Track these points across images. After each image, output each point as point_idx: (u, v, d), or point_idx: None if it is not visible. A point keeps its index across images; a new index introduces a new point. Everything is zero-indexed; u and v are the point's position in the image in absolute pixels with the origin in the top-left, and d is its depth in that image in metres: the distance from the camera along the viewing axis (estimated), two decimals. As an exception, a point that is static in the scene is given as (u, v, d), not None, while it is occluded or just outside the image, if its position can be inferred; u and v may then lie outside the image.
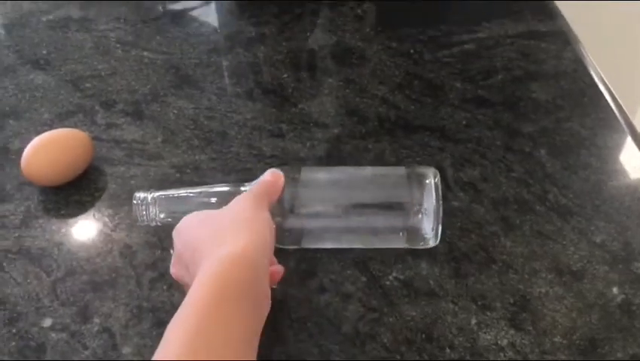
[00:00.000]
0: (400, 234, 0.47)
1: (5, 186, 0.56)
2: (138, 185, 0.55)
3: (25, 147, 0.54)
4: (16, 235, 0.52)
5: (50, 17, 0.72)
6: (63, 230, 0.53)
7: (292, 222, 0.46)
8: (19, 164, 0.54)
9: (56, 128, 0.57)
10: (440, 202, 0.46)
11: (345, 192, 0.47)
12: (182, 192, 0.48)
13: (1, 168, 0.57)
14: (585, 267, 0.49)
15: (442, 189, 0.46)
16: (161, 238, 0.51)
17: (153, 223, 0.48)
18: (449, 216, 0.52)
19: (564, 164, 0.56)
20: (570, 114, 0.60)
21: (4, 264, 0.50)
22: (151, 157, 0.57)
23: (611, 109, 0.60)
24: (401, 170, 0.48)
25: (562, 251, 0.50)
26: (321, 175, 0.49)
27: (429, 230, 0.46)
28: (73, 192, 0.55)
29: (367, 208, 0.47)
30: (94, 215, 0.54)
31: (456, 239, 0.51)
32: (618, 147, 0.58)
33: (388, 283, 0.48)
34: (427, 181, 0.46)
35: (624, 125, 0.59)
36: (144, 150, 0.58)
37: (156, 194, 0.47)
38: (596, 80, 0.63)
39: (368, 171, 0.50)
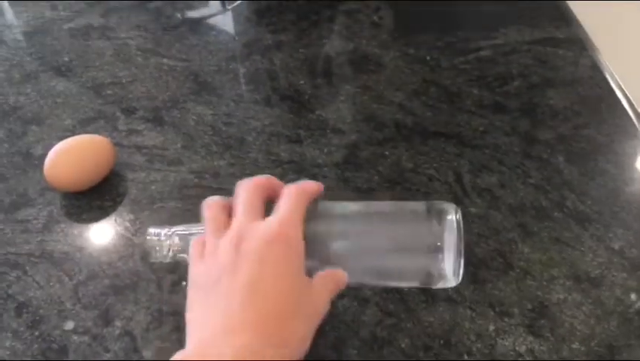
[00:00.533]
0: (418, 274, 0.44)
1: (28, 191, 0.57)
2: (158, 190, 0.56)
3: (47, 152, 0.55)
4: (39, 239, 0.53)
5: (72, 25, 0.73)
6: (85, 235, 0.54)
7: (308, 261, 0.43)
8: (41, 169, 0.55)
9: (77, 134, 0.58)
10: (462, 240, 0.43)
11: (363, 230, 0.44)
12: (197, 228, 0.46)
13: (24, 174, 0.58)
14: (603, 274, 0.49)
15: (459, 193, 0.46)
16: (181, 242, 0.52)
17: (167, 260, 0.46)
18: (466, 222, 0.52)
19: (581, 170, 0.56)
20: (587, 121, 0.60)
21: (27, 268, 0.51)
22: (171, 163, 0.58)
23: (629, 116, 0.60)
24: (421, 205, 0.45)
25: (580, 258, 0.50)
26: (338, 210, 0.46)
27: (450, 269, 0.43)
28: (95, 197, 0.56)
29: (385, 247, 0.44)
30: (115, 220, 0.54)
31: (474, 245, 0.51)
32: (636, 153, 0.57)
33: (405, 288, 0.49)
34: (448, 217, 0.43)
35: (642, 132, 0.59)
36: (164, 155, 0.59)
37: (171, 230, 0.46)
38: (613, 86, 0.63)
39: (386, 207, 0.47)
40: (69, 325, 0.48)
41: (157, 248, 0.45)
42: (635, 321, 0.46)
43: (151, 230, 0.46)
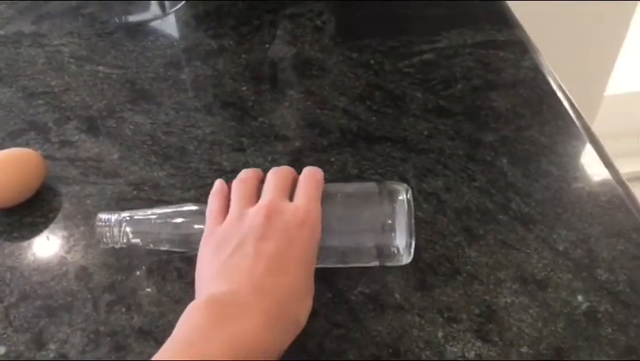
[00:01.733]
0: (373, 252, 0.46)
1: (-47, 209, 0.53)
2: (94, 204, 0.54)
3: (-26, 167, 0.52)
4: (-34, 260, 0.50)
5: (1, 32, 0.70)
6: (16, 253, 0.51)
7: None
8: (-33, 185, 0.52)
9: (7, 147, 0.55)
10: (413, 219, 0.45)
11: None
12: (148, 212, 0.47)
13: (-51, 190, 0.55)
14: (549, 275, 0.49)
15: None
16: (119, 258, 0.50)
17: (118, 245, 0.46)
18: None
19: (525, 172, 0.56)
20: (530, 122, 0.60)
21: (-47, 291, 0.48)
22: (107, 175, 0.56)
23: (570, 117, 0.61)
24: (372, 186, 0.47)
25: (526, 260, 0.50)
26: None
27: (402, 247, 0.45)
28: (26, 214, 0.53)
29: (338, 227, 0.46)
30: (48, 237, 0.52)
31: (421, 251, 0.50)
32: (578, 154, 0.58)
33: (353, 297, 0.48)
34: (399, 198, 0.46)
35: (583, 132, 0.60)
36: (100, 167, 0.56)
37: (122, 215, 0.46)
38: (555, 88, 0.64)
39: (338, 188, 0.49)
40: (0, 350, 0.45)
41: (108, 234, 0.46)
42: (582, 322, 0.46)
43: (101, 216, 0.46)
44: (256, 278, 0.40)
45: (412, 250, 0.46)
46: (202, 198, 0.50)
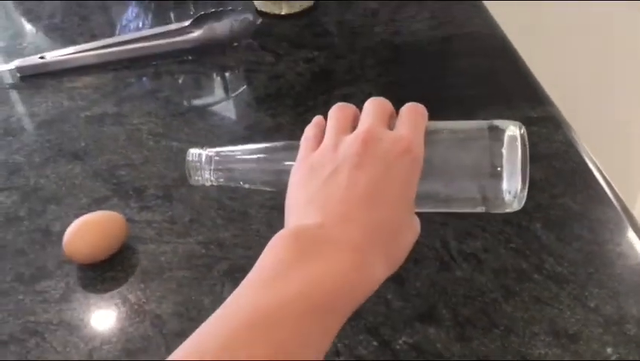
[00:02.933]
0: (478, 197, 0.41)
1: (47, 264, 0.61)
2: (167, 261, 0.60)
3: (65, 229, 0.60)
4: (57, 308, 0.57)
5: (88, 113, 0.80)
6: (99, 303, 0.58)
7: None
8: (59, 244, 0.59)
9: (94, 211, 0.63)
10: (527, 159, 0.40)
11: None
12: (239, 148, 0.44)
13: (43, 249, 0.63)
14: (581, 330, 0.52)
15: (446, 258, 0.50)
16: (189, 308, 0.56)
17: (208, 183, 0.44)
18: (452, 284, 0.57)
19: (558, 236, 0.60)
20: (563, 191, 0.65)
21: (46, 335, 0.55)
22: (180, 235, 0.63)
23: (601, 186, 0.66)
24: (482, 124, 0.43)
25: (559, 315, 0.54)
26: None
27: (510, 193, 0.40)
28: (108, 269, 0.60)
29: (441, 166, 0.42)
30: (127, 289, 0.59)
31: (460, 306, 0.55)
32: (608, 220, 0.62)
33: (398, 346, 0.52)
34: (509, 134, 0.40)
35: (614, 200, 0.64)
36: (173, 229, 0.64)
37: (212, 151, 0.44)
38: (586, 160, 0.69)
39: (443, 124, 0.44)
40: (83, 388, 0.51)
41: (198, 171, 0.43)
42: (612, 372, 0.49)
43: (192, 151, 0.44)
44: (349, 210, 0.37)
45: (525, 197, 0.40)
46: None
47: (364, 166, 0.38)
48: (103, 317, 0.56)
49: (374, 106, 0.43)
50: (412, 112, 0.43)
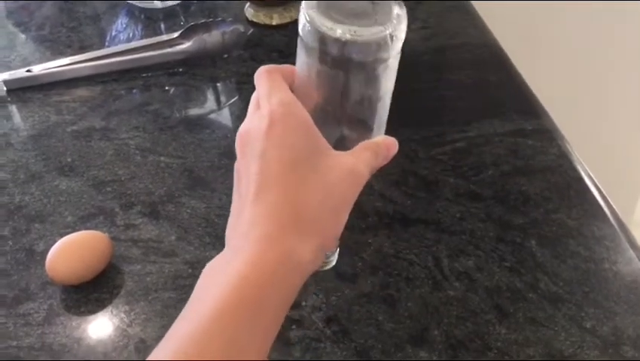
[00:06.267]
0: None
1: (30, 285, 0.60)
2: (153, 281, 0.59)
3: (49, 248, 0.58)
4: (39, 331, 0.56)
5: (75, 128, 0.79)
6: (83, 326, 0.56)
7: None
8: (43, 265, 0.58)
9: (78, 230, 0.62)
10: None
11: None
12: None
13: (27, 269, 0.61)
14: (576, 352, 0.51)
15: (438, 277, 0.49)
16: (174, 331, 0.55)
17: None
18: (445, 304, 0.55)
19: (553, 253, 0.59)
20: (558, 206, 0.64)
21: (27, 360, 0.53)
22: (166, 254, 0.62)
23: (596, 200, 0.64)
24: None
25: (555, 337, 0.52)
26: None
27: None
28: (92, 290, 0.59)
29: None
30: (112, 311, 0.57)
31: (453, 328, 0.53)
32: (604, 236, 0.61)
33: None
34: None
35: (610, 216, 0.63)
36: (160, 248, 0.62)
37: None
38: (582, 173, 0.68)
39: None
40: (65, 415, 0.50)
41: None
42: (608, 398, 0.48)
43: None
44: (253, 203, 0.37)
45: None
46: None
47: (248, 170, 0.39)
48: (86, 342, 0.55)
49: (257, 85, 0.42)
50: (257, 79, 0.42)
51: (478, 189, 0.66)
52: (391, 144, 0.44)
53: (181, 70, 0.87)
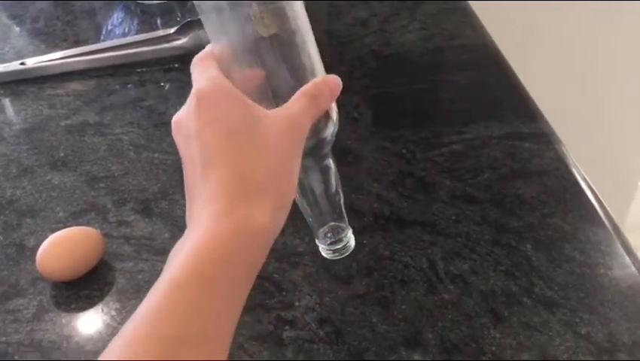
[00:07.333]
0: None
1: (20, 281, 0.59)
2: (145, 279, 0.58)
3: (40, 244, 0.58)
4: (29, 328, 0.55)
5: (68, 122, 0.78)
6: (73, 323, 0.56)
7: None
8: (33, 260, 0.57)
9: (69, 226, 0.61)
10: None
11: None
12: None
13: (17, 265, 0.60)
14: (571, 358, 0.51)
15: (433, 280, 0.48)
16: (165, 330, 0.54)
17: None
18: (439, 308, 0.55)
19: (549, 257, 0.59)
20: (554, 210, 0.64)
21: (17, 357, 0.53)
22: (158, 252, 0.61)
23: (592, 205, 0.64)
24: None
25: (549, 343, 0.52)
26: None
27: None
28: (83, 287, 0.58)
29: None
30: (102, 309, 0.56)
31: (447, 331, 0.53)
32: (600, 241, 0.61)
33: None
34: None
35: (606, 221, 0.62)
36: (152, 245, 0.62)
37: None
38: (578, 177, 0.67)
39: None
40: (54, 414, 0.49)
41: None
42: (602, 404, 0.47)
43: None
44: (202, 177, 0.38)
45: None
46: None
47: (187, 150, 0.40)
48: (76, 339, 0.54)
49: (191, 75, 0.42)
50: (191, 68, 0.42)
51: (474, 192, 0.66)
52: (332, 81, 0.42)
53: (176, 66, 0.86)
